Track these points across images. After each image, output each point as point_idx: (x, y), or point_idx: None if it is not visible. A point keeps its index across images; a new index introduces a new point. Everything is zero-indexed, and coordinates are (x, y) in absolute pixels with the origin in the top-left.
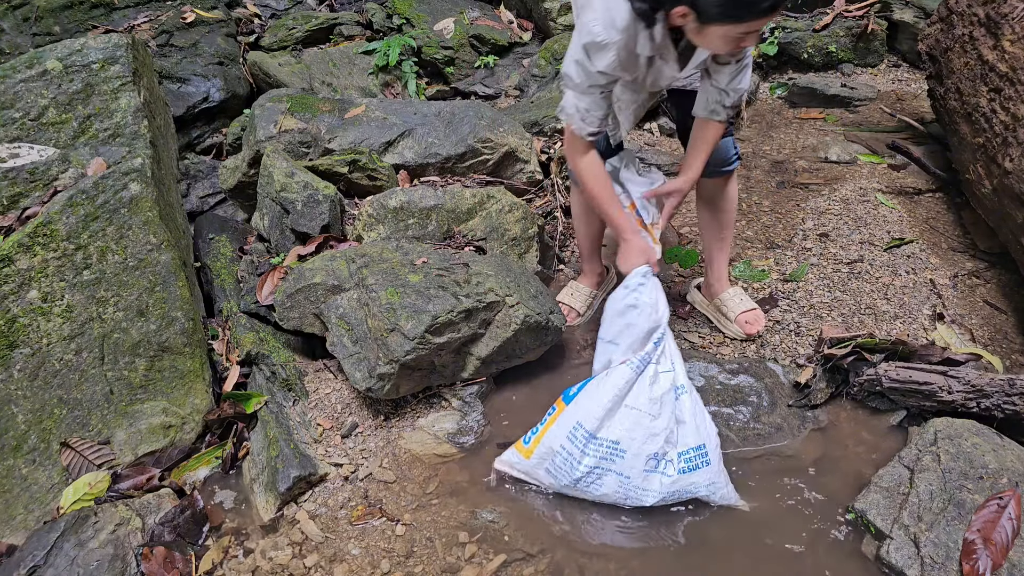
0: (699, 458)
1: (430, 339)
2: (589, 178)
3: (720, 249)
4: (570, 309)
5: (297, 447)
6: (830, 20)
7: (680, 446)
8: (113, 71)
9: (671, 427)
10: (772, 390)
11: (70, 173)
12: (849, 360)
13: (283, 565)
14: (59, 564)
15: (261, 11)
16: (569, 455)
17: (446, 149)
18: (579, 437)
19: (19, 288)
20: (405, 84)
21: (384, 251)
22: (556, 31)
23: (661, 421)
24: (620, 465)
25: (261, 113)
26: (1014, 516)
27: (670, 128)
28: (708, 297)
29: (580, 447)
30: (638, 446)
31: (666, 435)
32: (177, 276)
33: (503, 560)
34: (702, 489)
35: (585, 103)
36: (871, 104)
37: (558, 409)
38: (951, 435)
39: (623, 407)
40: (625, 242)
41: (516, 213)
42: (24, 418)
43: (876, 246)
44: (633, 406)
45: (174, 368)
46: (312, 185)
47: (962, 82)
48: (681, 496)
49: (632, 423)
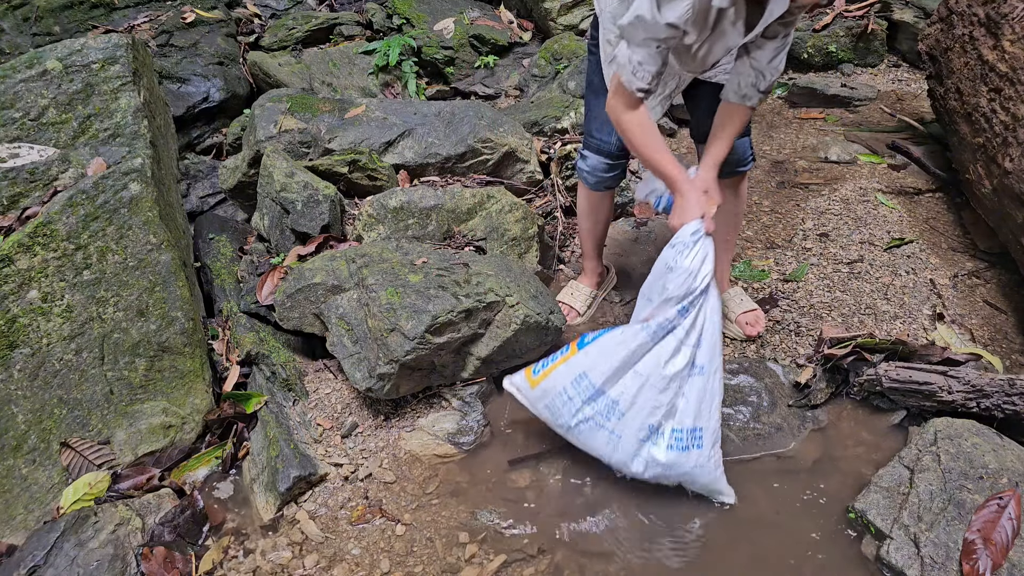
0: (692, 440)
1: (430, 339)
2: (636, 131)
3: (725, 250)
4: (570, 308)
5: (297, 447)
6: (830, 20)
7: (676, 422)
8: (113, 71)
9: (675, 403)
10: (772, 390)
11: (70, 173)
12: (849, 360)
13: (283, 565)
14: (59, 564)
15: (261, 11)
16: (569, 400)
17: (446, 149)
18: (583, 387)
19: (19, 288)
20: (405, 84)
21: (384, 251)
22: (556, 31)
23: (667, 395)
24: (615, 425)
25: (261, 113)
26: (1014, 516)
27: (671, 128)
28: None
29: (582, 396)
30: (637, 413)
31: (667, 409)
32: (177, 276)
33: (503, 560)
34: (688, 470)
35: (639, 55)
36: (871, 104)
37: (571, 351)
38: (951, 435)
39: (632, 372)
40: (681, 195)
41: (516, 213)
42: (24, 418)
43: (876, 246)
44: (642, 373)
45: (174, 368)
46: (312, 185)
47: (962, 82)
48: (667, 473)
49: (637, 389)
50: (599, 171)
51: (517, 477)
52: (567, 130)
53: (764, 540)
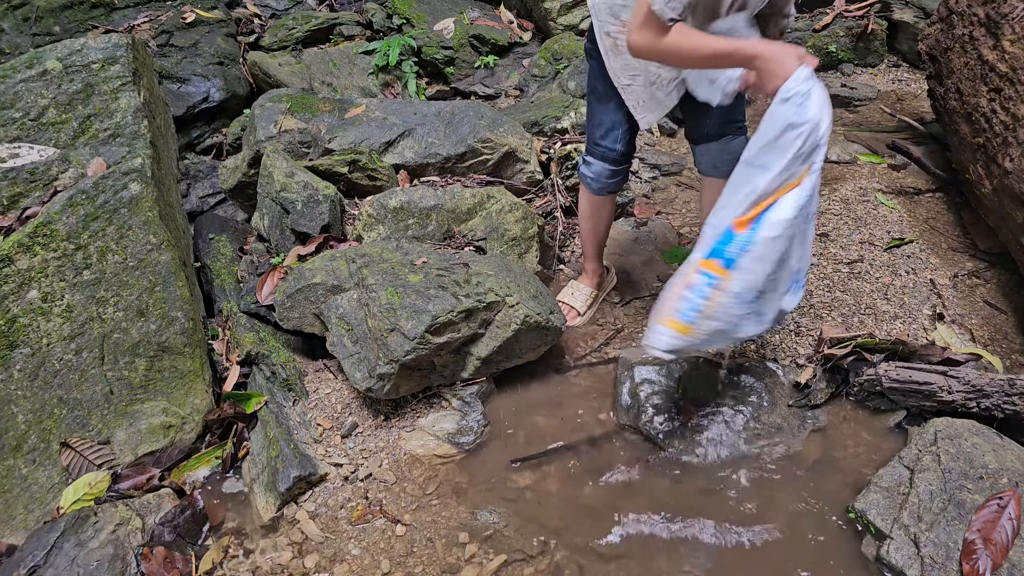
0: (802, 280)
1: (430, 339)
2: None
3: None
4: (570, 308)
5: (297, 447)
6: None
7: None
8: (113, 71)
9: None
10: (772, 390)
11: (70, 173)
12: (849, 360)
13: (283, 565)
14: (59, 564)
15: (261, 11)
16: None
17: (446, 149)
18: (749, 298)
19: (19, 288)
20: (405, 84)
21: (384, 251)
22: (556, 31)
23: (808, 246)
24: (761, 306)
25: (261, 113)
26: (1014, 516)
27: (670, 128)
28: None
29: (744, 308)
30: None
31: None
32: (177, 276)
33: (503, 560)
34: (790, 310)
35: None
36: (871, 104)
37: (721, 276)
38: (951, 435)
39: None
40: (763, 56)
41: (516, 213)
42: (24, 418)
43: (876, 246)
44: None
45: (174, 368)
46: (312, 185)
47: (962, 82)
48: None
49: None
50: (603, 177)
51: (517, 477)
52: (567, 130)
53: (764, 540)
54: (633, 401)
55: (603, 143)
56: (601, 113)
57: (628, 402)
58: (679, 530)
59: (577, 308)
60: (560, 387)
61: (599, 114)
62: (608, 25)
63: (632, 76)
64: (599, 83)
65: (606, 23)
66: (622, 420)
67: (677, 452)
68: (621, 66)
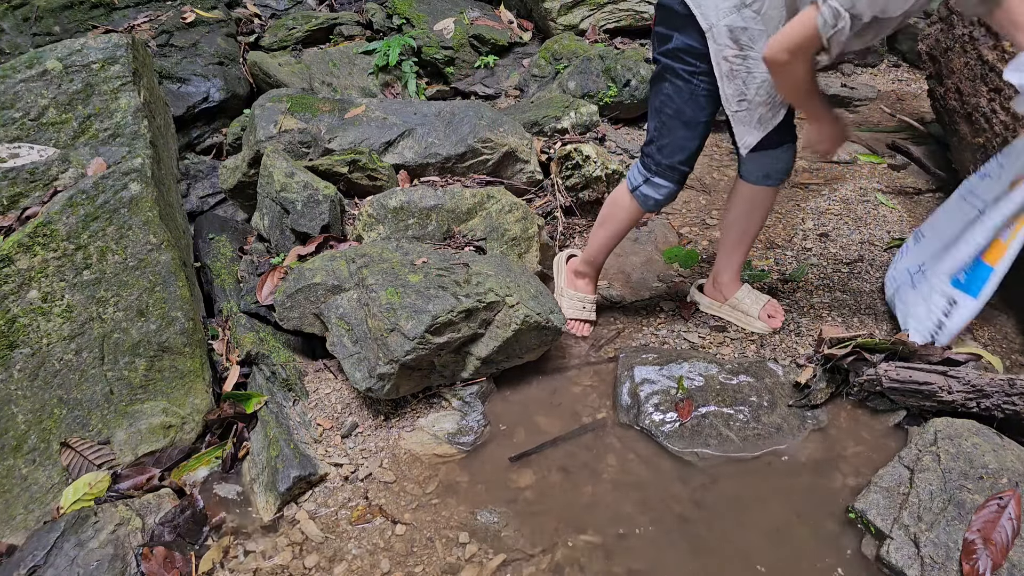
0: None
1: (430, 339)
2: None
3: (743, 253)
4: (582, 324)
5: (297, 447)
6: None
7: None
8: (113, 71)
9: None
10: (772, 390)
11: (70, 173)
12: (849, 360)
13: (283, 565)
14: (59, 564)
15: (261, 11)
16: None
17: (446, 149)
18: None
19: (19, 288)
20: (405, 84)
21: (384, 251)
22: (556, 31)
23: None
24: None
25: (261, 113)
26: (1014, 516)
27: None
28: (718, 299)
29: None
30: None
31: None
32: (177, 276)
33: (503, 560)
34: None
35: (844, 21)
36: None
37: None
38: (951, 435)
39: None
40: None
41: (516, 213)
42: (24, 418)
43: (876, 246)
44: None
45: (174, 368)
46: (312, 185)
47: (962, 82)
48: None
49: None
50: (670, 197)
51: (517, 477)
52: (567, 130)
53: (764, 540)
54: (633, 401)
55: (683, 167)
56: (687, 139)
57: (628, 402)
58: (679, 530)
59: (591, 320)
60: (560, 387)
61: (685, 139)
62: (727, 50)
63: (740, 102)
64: (689, 108)
65: (724, 47)
66: (622, 420)
67: (677, 452)
68: (734, 91)
